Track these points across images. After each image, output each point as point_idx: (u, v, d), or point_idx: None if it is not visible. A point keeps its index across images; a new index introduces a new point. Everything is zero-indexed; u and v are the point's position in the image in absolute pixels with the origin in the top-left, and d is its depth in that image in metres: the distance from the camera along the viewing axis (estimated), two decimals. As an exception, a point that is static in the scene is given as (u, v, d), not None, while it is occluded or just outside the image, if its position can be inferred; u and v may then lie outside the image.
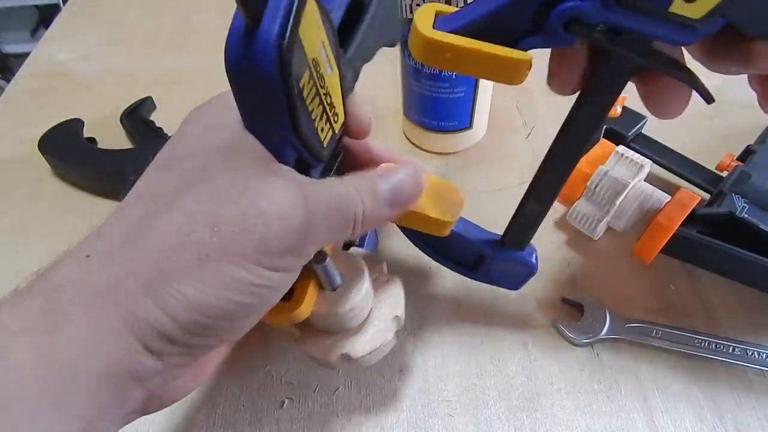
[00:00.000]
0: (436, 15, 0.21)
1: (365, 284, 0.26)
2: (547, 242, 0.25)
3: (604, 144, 0.36)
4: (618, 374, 0.31)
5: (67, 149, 0.45)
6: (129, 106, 0.50)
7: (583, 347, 0.32)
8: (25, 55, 0.63)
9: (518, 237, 0.28)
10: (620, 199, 0.34)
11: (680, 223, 0.32)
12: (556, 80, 0.21)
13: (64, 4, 0.73)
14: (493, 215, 0.30)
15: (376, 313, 0.27)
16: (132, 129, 0.48)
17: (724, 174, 0.38)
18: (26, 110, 0.54)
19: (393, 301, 0.28)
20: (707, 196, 0.38)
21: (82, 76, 0.58)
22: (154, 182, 0.20)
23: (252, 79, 0.17)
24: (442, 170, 0.44)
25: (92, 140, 0.47)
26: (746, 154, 0.37)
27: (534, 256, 0.30)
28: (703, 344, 0.31)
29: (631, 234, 0.35)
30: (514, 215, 0.27)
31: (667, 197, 0.34)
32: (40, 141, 0.45)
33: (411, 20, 0.20)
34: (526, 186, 0.26)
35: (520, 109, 0.49)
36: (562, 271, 0.36)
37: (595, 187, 0.34)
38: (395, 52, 0.44)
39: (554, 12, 0.17)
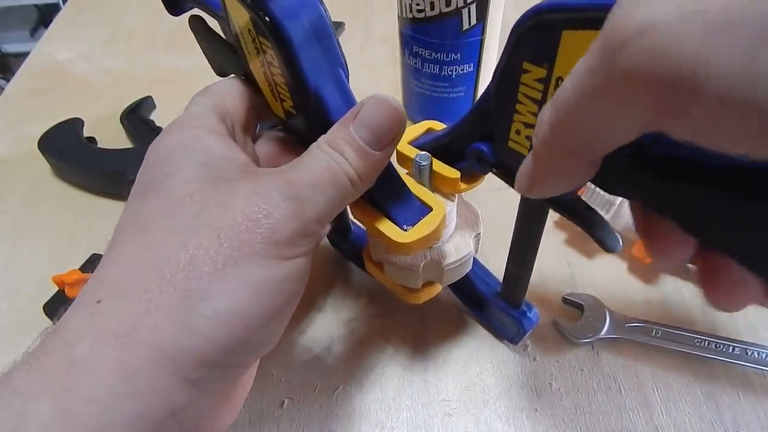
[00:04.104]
0: (427, 130, 0.27)
1: (455, 201, 0.27)
2: (547, 242, 0.25)
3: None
4: (618, 373, 0.31)
5: (67, 149, 0.45)
6: (129, 106, 0.50)
7: (582, 347, 0.32)
8: (25, 54, 0.63)
9: (509, 293, 0.30)
10: (620, 199, 0.34)
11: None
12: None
13: (64, 4, 0.73)
14: (493, 215, 0.30)
15: (458, 231, 0.28)
16: (132, 129, 0.48)
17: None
18: (26, 110, 0.54)
19: (474, 220, 0.29)
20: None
21: (82, 76, 0.58)
22: (140, 211, 0.19)
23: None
24: (442, 170, 0.44)
25: (92, 140, 0.47)
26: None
27: (530, 315, 0.30)
28: (702, 344, 0.31)
29: (631, 234, 0.35)
30: (504, 274, 0.29)
31: (667, 197, 0.34)
32: (40, 141, 0.45)
33: (410, 20, 0.20)
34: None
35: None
36: (562, 271, 0.36)
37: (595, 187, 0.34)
38: (395, 52, 0.44)
39: (467, 149, 0.22)
